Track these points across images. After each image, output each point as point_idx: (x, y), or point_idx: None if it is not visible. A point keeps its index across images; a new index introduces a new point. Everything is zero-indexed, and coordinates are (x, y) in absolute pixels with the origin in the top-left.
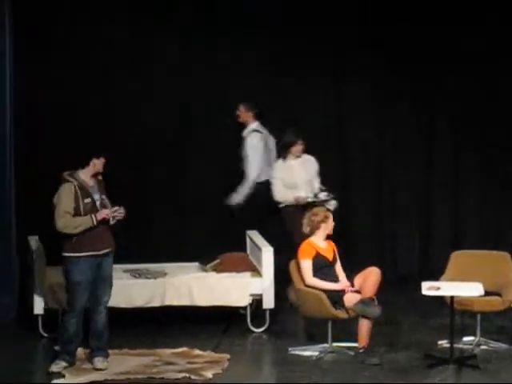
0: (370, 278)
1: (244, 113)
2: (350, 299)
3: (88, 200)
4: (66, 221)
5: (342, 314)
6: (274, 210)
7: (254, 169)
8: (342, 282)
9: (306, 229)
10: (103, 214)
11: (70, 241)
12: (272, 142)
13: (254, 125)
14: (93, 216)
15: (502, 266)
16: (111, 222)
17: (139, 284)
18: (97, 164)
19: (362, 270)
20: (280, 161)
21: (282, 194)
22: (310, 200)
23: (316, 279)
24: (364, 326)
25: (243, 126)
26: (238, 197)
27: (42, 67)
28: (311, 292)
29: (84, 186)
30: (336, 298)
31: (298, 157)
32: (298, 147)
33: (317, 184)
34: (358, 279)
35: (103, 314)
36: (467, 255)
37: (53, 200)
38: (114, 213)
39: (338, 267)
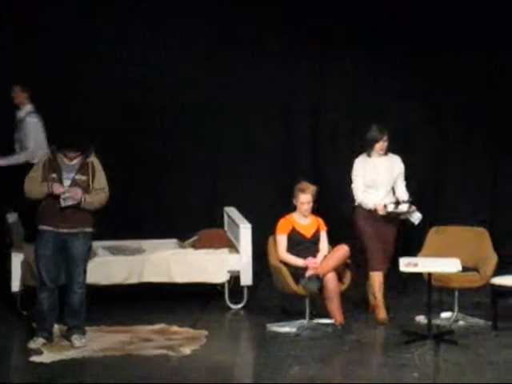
0: (332, 254)
1: (19, 94)
2: (307, 275)
3: (54, 175)
4: (28, 184)
5: (300, 290)
6: None
7: (31, 144)
8: (308, 259)
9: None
10: (57, 188)
11: (38, 213)
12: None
13: (29, 106)
14: (50, 184)
15: (480, 242)
16: (62, 204)
17: (117, 261)
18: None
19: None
20: (361, 157)
21: (363, 195)
22: (389, 210)
23: (287, 254)
24: (329, 304)
25: (17, 107)
26: (4, 161)
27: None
28: (276, 267)
29: (56, 161)
30: (300, 273)
31: (382, 155)
32: (382, 144)
33: (402, 188)
34: (327, 256)
35: (78, 294)
36: (445, 231)
37: None
38: (64, 194)
39: (322, 244)
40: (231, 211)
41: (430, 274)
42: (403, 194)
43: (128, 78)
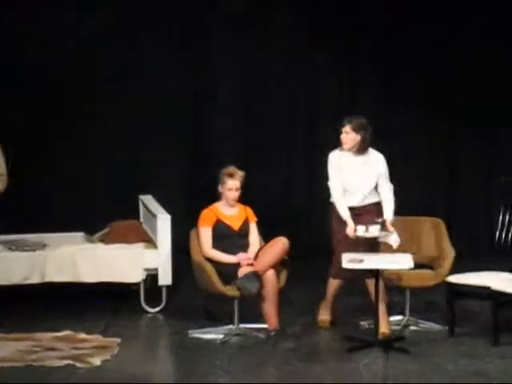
0: (269, 249)
1: None
2: (242, 273)
3: None
4: None
5: (231, 291)
6: None
7: None
8: (239, 254)
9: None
10: None
11: None
12: None
13: None
14: None
15: (435, 234)
16: None
17: (16, 257)
18: None
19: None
20: (336, 152)
21: (339, 202)
22: (359, 235)
23: (213, 250)
24: (266, 306)
25: None
26: None
27: None
28: (200, 264)
29: None
30: (230, 272)
31: (355, 152)
32: (343, 136)
33: (385, 192)
34: (262, 251)
35: None
36: (395, 222)
37: None
38: None
39: (253, 237)
40: (147, 200)
41: (377, 272)
42: (387, 200)
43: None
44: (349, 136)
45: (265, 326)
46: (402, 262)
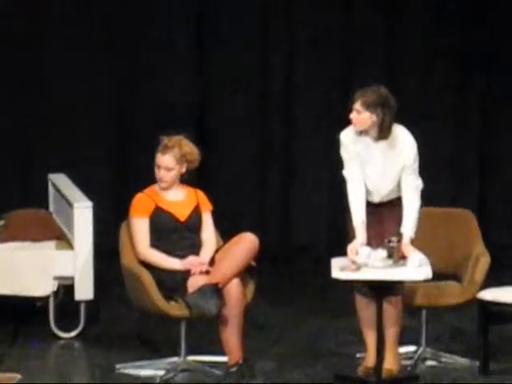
0: (231, 250)
1: None
2: (194, 285)
3: None
4: None
5: (177, 310)
6: None
7: None
8: (189, 258)
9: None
10: None
11: None
12: None
13: None
14: None
15: (463, 230)
16: None
17: None
18: None
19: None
20: (348, 131)
21: (353, 201)
22: (359, 261)
23: (152, 251)
24: (227, 331)
25: None
26: None
27: None
28: (134, 272)
29: None
30: (176, 282)
31: (376, 138)
32: (352, 114)
33: (408, 189)
34: (221, 252)
35: None
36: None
37: None
38: None
39: (208, 232)
40: (60, 180)
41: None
42: (409, 207)
43: None
44: (361, 115)
45: (224, 358)
46: (415, 271)
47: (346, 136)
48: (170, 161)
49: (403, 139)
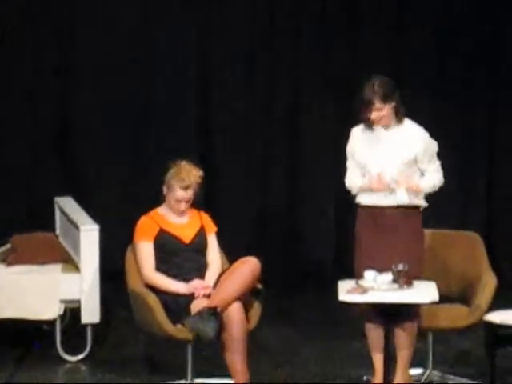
0: (233, 275)
1: None
2: (196, 308)
3: None
4: None
5: (183, 333)
6: None
7: None
8: (193, 282)
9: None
10: None
11: None
12: None
13: None
14: None
15: (471, 253)
16: None
17: None
18: None
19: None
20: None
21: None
22: (365, 285)
23: (157, 274)
24: (230, 354)
25: None
26: None
27: None
28: (140, 295)
29: None
30: (181, 306)
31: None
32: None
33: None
34: (224, 276)
35: None
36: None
37: None
38: None
39: (213, 254)
40: (66, 204)
41: (384, 307)
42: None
43: None
44: (383, 112)
45: (230, 382)
46: (421, 294)
47: (357, 129)
48: (190, 194)
49: (413, 130)
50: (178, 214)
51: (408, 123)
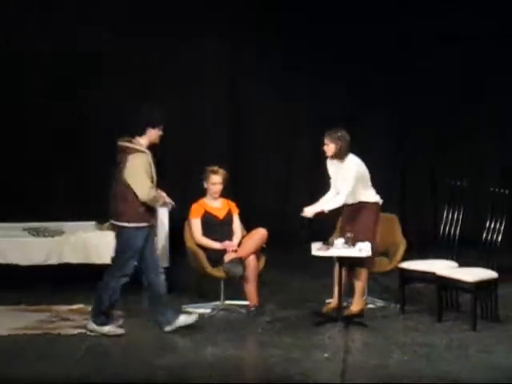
0: (251, 238)
1: None
2: (228, 258)
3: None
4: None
5: (218, 273)
6: None
7: None
8: (225, 242)
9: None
10: (163, 197)
11: None
12: None
13: None
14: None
15: (390, 227)
16: (168, 208)
17: (37, 242)
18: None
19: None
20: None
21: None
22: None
23: (203, 238)
24: (248, 286)
25: None
26: None
27: None
28: (193, 250)
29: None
30: (217, 256)
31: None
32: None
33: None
34: (244, 239)
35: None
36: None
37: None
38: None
39: (236, 226)
40: None
41: (341, 258)
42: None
43: None
44: (328, 146)
45: (246, 302)
46: (361, 250)
47: (328, 161)
48: (221, 179)
49: (349, 160)
50: (214, 197)
51: (349, 157)
